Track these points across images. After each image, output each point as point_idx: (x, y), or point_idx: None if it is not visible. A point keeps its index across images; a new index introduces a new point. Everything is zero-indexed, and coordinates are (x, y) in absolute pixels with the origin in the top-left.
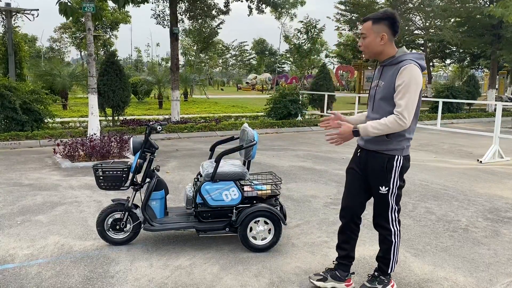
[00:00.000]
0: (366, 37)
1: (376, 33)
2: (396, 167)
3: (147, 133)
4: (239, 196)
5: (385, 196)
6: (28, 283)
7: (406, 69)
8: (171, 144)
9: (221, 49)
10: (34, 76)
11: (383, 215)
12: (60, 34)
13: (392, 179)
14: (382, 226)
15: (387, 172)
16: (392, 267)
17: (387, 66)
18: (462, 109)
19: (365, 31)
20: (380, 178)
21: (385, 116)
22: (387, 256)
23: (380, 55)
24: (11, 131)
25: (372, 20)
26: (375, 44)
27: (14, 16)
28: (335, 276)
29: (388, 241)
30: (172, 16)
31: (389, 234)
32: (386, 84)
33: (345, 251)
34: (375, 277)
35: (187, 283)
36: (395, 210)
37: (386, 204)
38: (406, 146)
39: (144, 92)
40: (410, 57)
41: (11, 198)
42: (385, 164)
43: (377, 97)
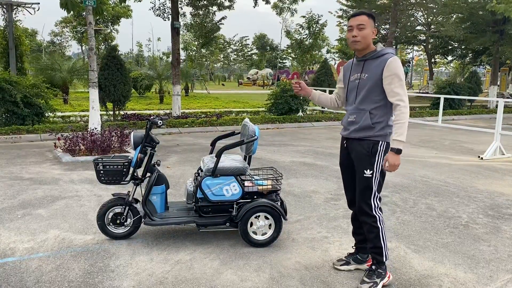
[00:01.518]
0: (365, 29)
1: (371, 27)
2: (380, 152)
3: (148, 128)
4: (240, 191)
5: (369, 180)
6: (29, 277)
7: (393, 61)
8: (172, 139)
9: (222, 44)
10: (35, 70)
11: (366, 201)
12: (61, 28)
13: (376, 163)
14: (367, 213)
15: (371, 156)
16: (386, 254)
17: (369, 60)
18: (463, 105)
19: (364, 22)
20: (365, 162)
21: (368, 106)
22: (378, 244)
23: (367, 48)
24: (12, 125)
25: (367, 15)
26: (370, 36)
27: (15, 9)
28: (356, 259)
29: (375, 228)
30: (173, 10)
31: (374, 221)
32: (372, 76)
33: (361, 235)
34: (373, 271)
35: (188, 277)
36: (377, 198)
37: (369, 189)
38: (389, 132)
39: (145, 86)
40: (391, 51)
41: (12, 192)
42: (370, 149)
43: (363, 89)
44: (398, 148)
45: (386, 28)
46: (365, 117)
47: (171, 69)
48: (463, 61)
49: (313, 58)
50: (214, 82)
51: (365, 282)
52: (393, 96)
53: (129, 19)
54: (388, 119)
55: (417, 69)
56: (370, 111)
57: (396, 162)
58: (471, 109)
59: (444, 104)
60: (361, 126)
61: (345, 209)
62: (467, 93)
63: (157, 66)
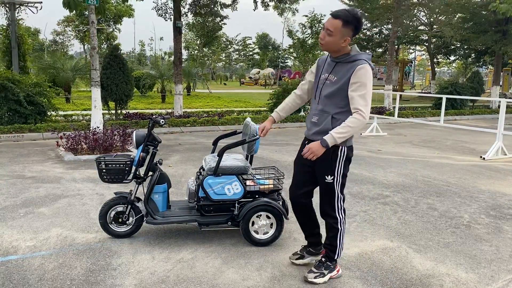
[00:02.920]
0: (332, 35)
1: (341, 36)
2: (340, 157)
3: (150, 127)
4: (242, 190)
5: (331, 185)
6: (31, 275)
7: (363, 69)
8: (173, 138)
9: (224, 43)
10: (37, 69)
11: (329, 203)
12: (63, 27)
13: (337, 169)
14: (329, 215)
15: (332, 162)
16: (338, 253)
17: (341, 63)
18: (465, 105)
19: (333, 29)
20: (325, 168)
21: (331, 110)
22: (333, 243)
23: (336, 52)
24: (15, 123)
25: (343, 21)
26: (337, 44)
27: (17, 8)
28: (310, 252)
29: (335, 229)
30: (175, 10)
31: (335, 222)
32: (339, 80)
33: (307, 231)
34: (323, 263)
35: (189, 276)
36: (340, 199)
37: (332, 193)
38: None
39: (147, 86)
40: (364, 58)
41: (14, 190)
42: (330, 154)
43: (327, 91)
44: (327, 143)
45: (389, 28)
46: (327, 121)
47: (173, 68)
48: (466, 61)
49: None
50: (216, 82)
51: (312, 272)
52: (353, 104)
53: (131, 18)
54: None
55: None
56: (333, 115)
57: (316, 153)
58: (473, 109)
59: (446, 104)
60: (322, 129)
61: (346, 209)
62: (469, 93)
63: (159, 66)
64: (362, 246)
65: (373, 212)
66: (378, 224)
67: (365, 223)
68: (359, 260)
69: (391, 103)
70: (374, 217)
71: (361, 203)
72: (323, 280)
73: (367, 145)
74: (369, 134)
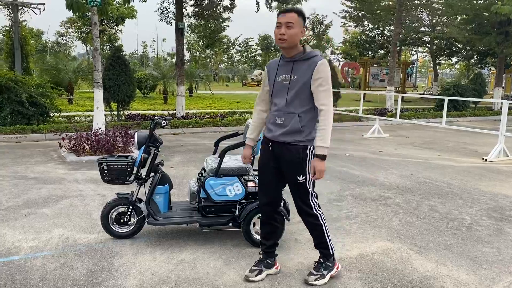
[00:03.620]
0: (293, 28)
1: (300, 26)
2: (309, 156)
3: (152, 128)
4: (243, 191)
5: (303, 185)
6: (33, 275)
7: (323, 64)
8: (175, 139)
9: (226, 44)
10: (40, 70)
11: (305, 203)
12: (66, 29)
13: (307, 168)
14: (308, 213)
15: (302, 162)
16: (332, 247)
17: (298, 61)
18: (468, 107)
19: (293, 21)
20: (296, 169)
21: (297, 110)
22: (322, 240)
23: (294, 48)
24: (17, 124)
25: (297, 12)
26: (297, 36)
27: (20, 10)
28: (267, 264)
29: (318, 226)
30: (178, 12)
31: (316, 219)
32: (301, 78)
33: (272, 240)
34: (321, 263)
35: (190, 277)
36: (314, 196)
37: (306, 191)
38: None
39: (149, 87)
40: (319, 54)
41: (17, 191)
42: (300, 155)
43: (293, 91)
44: (323, 154)
45: (391, 29)
46: (294, 121)
47: (175, 69)
48: (468, 62)
49: None
50: (218, 83)
51: (312, 274)
52: (318, 100)
53: (134, 19)
54: (315, 123)
55: (422, 70)
56: (299, 114)
57: (322, 168)
58: (475, 110)
59: (448, 105)
60: (289, 130)
61: (348, 210)
62: (471, 94)
63: (162, 67)
64: (363, 248)
65: (374, 214)
66: (379, 226)
67: (366, 225)
68: (359, 262)
69: (393, 105)
70: (375, 218)
71: (363, 205)
72: (324, 282)
73: (369, 146)
74: (371, 135)
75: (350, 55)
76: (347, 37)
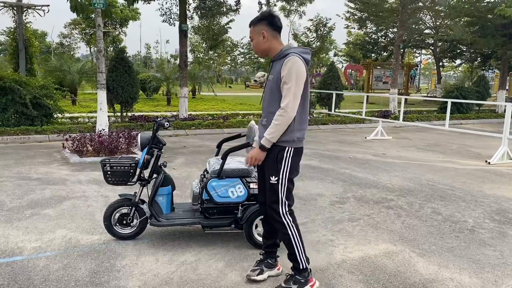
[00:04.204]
0: (253, 39)
1: (258, 33)
2: (286, 158)
3: (155, 129)
4: (245, 193)
5: (275, 186)
6: (36, 276)
7: (289, 61)
8: (178, 140)
9: (229, 46)
10: (44, 71)
11: (273, 207)
12: (70, 30)
13: (282, 170)
14: (275, 219)
15: (277, 163)
16: (302, 261)
17: (276, 61)
18: (471, 109)
19: (250, 34)
20: (271, 168)
21: (275, 109)
22: (291, 251)
23: (268, 52)
24: (21, 125)
25: (252, 24)
26: (259, 43)
27: (25, 11)
28: (268, 265)
29: (285, 234)
30: (181, 13)
31: (283, 226)
32: (274, 78)
33: (272, 240)
34: (291, 276)
35: (193, 278)
36: (285, 204)
37: (275, 195)
38: (297, 138)
39: (153, 88)
40: (294, 51)
41: (20, 191)
42: (276, 155)
43: (269, 91)
44: (264, 146)
45: (394, 31)
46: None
47: (178, 71)
48: (472, 65)
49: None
50: (221, 85)
51: (280, 287)
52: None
53: (137, 21)
54: (296, 124)
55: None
56: None
57: (257, 157)
58: (479, 113)
59: (452, 108)
60: None
61: (350, 213)
62: (475, 97)
63: (165, 68)
64: (365, 250)
65: (376, 216)
66: (382, 228)
67: (369, 227)
68: (362, 264)
69: (396, 107)
70: (377, 221)
71: (365, 207)
72: None
73: (372, 148)
74: (374, 137)
75: (354, 57)
76: (350, 39)
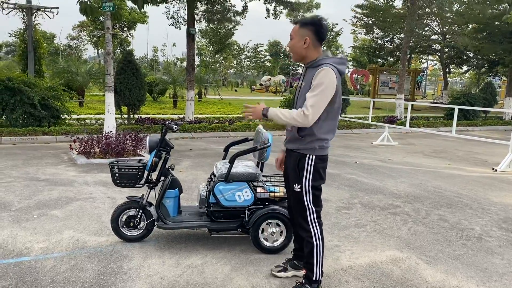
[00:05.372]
0: (292, 39)
1: (300, 36)
2: (307, 166)
3: (163, 132)
4: (252, 197)
5: (299, 195)
6: (43, 276)
7: (322, 71)
8: (184, 143)
9: (236, 50)
10: (52, 73)
11: (301, 215)
12: (78, 32)
13: (305, 178)
14: (302, 227)
15: (299, 170)
16: (318, 273)
17: (310, 68)
18: (478, 116)
19: (292, 33)
20: (293, 176)
21: None
22: (310, 260)
23: (304, 58)
24: (29, 126)
25: (300, 24)
26: (298, 46)
27: (34, 13)
28: (294, 265)
29: (309, 243)
30: (189, 17)
31: (309, 235)
32: (306, 86)
33: (299, 244)
34: (301, 284)
35: (199, 282)
36: (312, 211)
37: (301, 203)
38: (319, 146)
39: (159, 91)
40: (329, 61)
41: (28, 192)
42: (297, 162)
43: (300, 98)
44: (267, 111)
45: (401, 37)
46: (296, 128)
47: (185, 74)
48: (479, 71)
49: None
50: (227, 88)
51: None
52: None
53: (145, 24)
54: (320, 132)
55: (431, 78)
56: None
57: (255, 112)
58: (486, 120)
59: (458, 114)
60: (292, 137)
61: (357, 218)
62: (482, 104)
63: (172, 71)
64: (371, 256)
65: (383, 222)
66: (388, 235)
67: (375, 233)
68: (368, 270)
69: (402, 113)
70: (384, 227)
71: (371, 213)
72: None
73: (378, 154)
74: (380, 143)
75: (360, 61)
76: (356, 44)
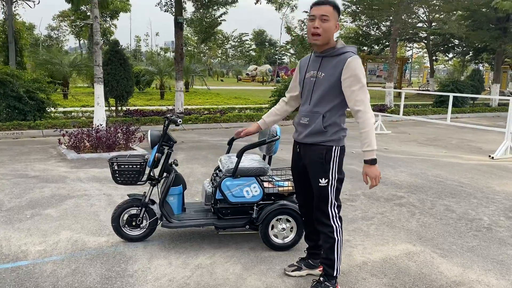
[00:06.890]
0: (328, 21)
1: (335, 20)
2: (334, 158)
3: (166, 126)
4: (260, 192)
5: (325, 189)
6: (44, 282)
7: (353, 61)
8: (175, 135)
9: (220, 39)
10: (34, 64)
11: (323, 210)
12: (58, 23)
13: (331, 171)
14: (323, 223)
15: (325, 164)
16: (337, 268)
17: (328, 57)
18: (466, 103)
19: (329, 14)
20: (319, 170)
21: (322, 109)
22: (330, 256)
23: (327, 44)
24: (13, 120)
25: (333, 6)
26: (332, 30)
27: (14, 3)
28: (308, 264)
29: (331, 239)
30: (177, 6)
31: (330, 231)
32: (328, 76)
33: (314, 241)
34: (320, 283)
35: (210, 283)
36: (335, 205)
37: (325, 198)
38: (342, 136)
39: (145, 82)
40: (352, 50)
41: (18, 190)
42: (323, 156)
43: (319, 89)
44: (373, 159)
45: (387, 24)
46: (318, 121)
47: (174, 64)
48: (464, 58)
49: None
50: (213, 78)
51: None
52: (351, 101)
53: (127, 13)
54: (342, 122)
55: (415, 66)
56: (324, 114)
57: (376, 174)
58: (474, 107)
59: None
60: (313, 130)
61: (363, 211)
62: (470, 91)
63: (156, 61)
64: (385, 251)
65: (390, 214)
66: (398, 227)
67: (384, 226)
68: (383, 266)
69: (392, 101)
70: (392, 219)
71: (377, 205)
72: None
73: None
74: None
75: None
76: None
